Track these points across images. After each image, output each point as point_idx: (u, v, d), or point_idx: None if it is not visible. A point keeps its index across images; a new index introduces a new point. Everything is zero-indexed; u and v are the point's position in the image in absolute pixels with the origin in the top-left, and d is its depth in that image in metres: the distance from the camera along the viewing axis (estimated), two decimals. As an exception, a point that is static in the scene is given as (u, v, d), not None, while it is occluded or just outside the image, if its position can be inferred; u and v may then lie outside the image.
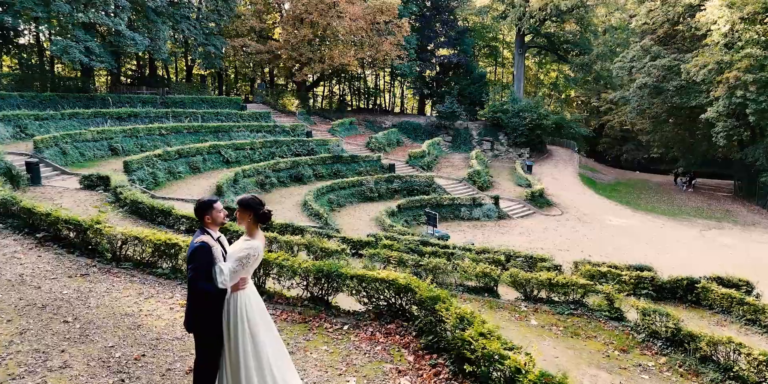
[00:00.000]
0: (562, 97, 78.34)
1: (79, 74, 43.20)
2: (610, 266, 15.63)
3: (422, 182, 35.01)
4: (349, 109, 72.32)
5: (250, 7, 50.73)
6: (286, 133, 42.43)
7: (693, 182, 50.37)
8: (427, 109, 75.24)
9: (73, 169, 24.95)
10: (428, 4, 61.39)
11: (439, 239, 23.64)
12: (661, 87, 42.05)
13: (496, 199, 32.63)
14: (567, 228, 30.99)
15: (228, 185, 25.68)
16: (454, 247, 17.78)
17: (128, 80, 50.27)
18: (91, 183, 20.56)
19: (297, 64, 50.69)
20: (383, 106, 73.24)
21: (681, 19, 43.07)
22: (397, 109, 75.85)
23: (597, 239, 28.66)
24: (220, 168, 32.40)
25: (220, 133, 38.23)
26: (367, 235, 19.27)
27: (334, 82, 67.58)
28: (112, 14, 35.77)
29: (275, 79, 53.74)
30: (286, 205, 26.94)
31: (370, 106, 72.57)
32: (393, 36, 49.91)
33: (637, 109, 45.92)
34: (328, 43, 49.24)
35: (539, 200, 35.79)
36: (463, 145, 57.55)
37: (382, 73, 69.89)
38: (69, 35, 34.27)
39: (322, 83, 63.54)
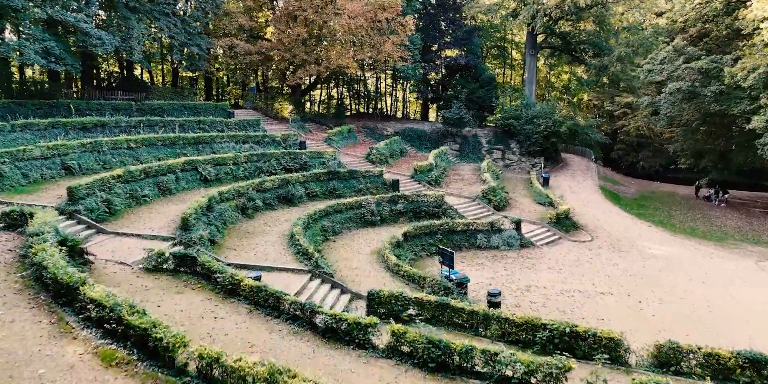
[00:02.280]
0: (575, 100, 73.74)
1: (46, 78, 38.74)
2: (714, 355, 11.07)
3: (430, 202, 30.43)
4: (348, 113, 67.71)
5: (239, 3, 46.15)
6: (277, 144, 37.86)
7: (726, 197, 45.80)
8: (432, 113, 70.70)
9: (7, 196, 20.37)
10: (433, 1, 56.84)
11: (457, 285, 19.11)
12: (696, 92, 37.48)
13: (518, 224, 28.05)
14: (602, 259, 26.39)
15: (198, 215, 21.08)
16: (486, 317, 13.22)
17: (104, 84, 45.68)
18: (13, 221, 16.00)
19: (290, 66, 46.15)
20: (384, 110, 68.66)
21: (717, 16, 38.49)
22: (399, 114, 71.24)
23: (641, 275, 24.06)
24: (196, 188, 27.87)
25: (201, 144, 33.68)
26: (367, 314, 14.80)
27: (331, 85, 63.00)
28: (76, 10, 31.19)
29: (268, 81, 49.23)
30: (270, 237, 22.36)
31: (371, 111, 67.94)
32: (396, 35, 45.36)
33: (668, 117, 41.30)
34: (324, 43, 44.65)
35: (565, 223, 31.21)
36: (471, 153, 53.01)
37: (383, 76, 65.29)
38: (24, 34, 29.74)
39: (318, 86, 58.96)
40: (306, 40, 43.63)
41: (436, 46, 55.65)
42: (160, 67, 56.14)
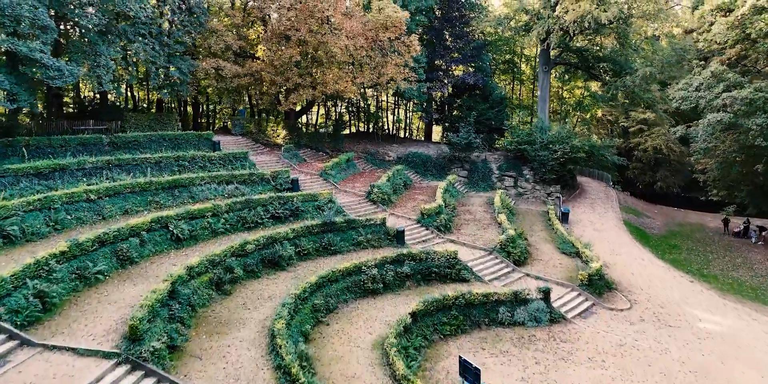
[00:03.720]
0: (587, 116, 69.40)
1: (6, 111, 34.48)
2: None
3: (441, 262, 26.08)
4: (347, 132, 63.56)
5: (226, 20, 41.78)
6: (266, 183, 33.56)
7: (764, 233, 41.51)
8: (436, 132, 66.34)
9: None
10: (439, 14, 52.51)
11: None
12: (738, 124, 33.20)
13: (546, 294, 23.70)
14: (650, 342, 22.05)
15: (156, 311, 16.74)
16: None
17: (75, 110, 41.34)
18: None
19: (282, 90, 41.87)
20: (386, 128, 64.33)
21: (760, 37, 34.21)
22: (401, 133, 66.87)
23: (703, 371, 19.72)
24: (166, 251, 23.58)
25: (177, 189, 29.39)
26: None
27: (329, 103, 58.72)
28: (28, 37, 26.87)
29: (259, 103, 44.89)
30: (247, 333, 18.01)
31: (371, 129, 63.68)
32: (399, 56, 41.02)
33: (704, 150, 36.96)
34: (320, 65, 40.32)
35: (597, 284, 26.87)
36: (481, 181, 48.74)
37: (384, 93, 60.96)
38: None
39: (316, 104, 54.64)
40: (299, 63, 39.32)
41: (443, 62, 51.32)
42: (144, 87, 51.83)
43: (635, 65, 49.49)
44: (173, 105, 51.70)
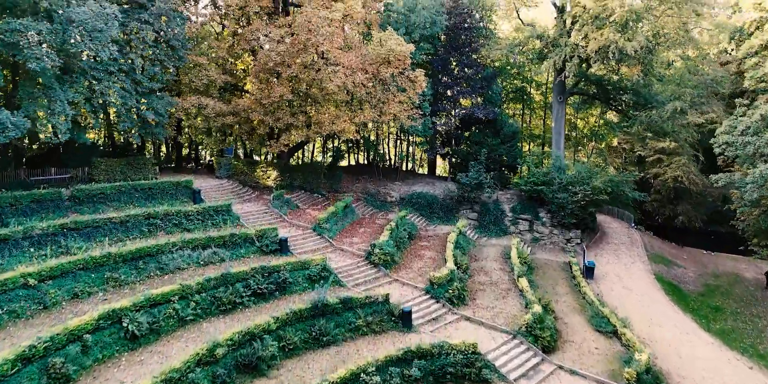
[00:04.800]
0: (602, 146, 65.06)
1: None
2: None
3: (458, 359, 21.42)
4: (345, 163, 59.24)
5: (211, 52, 37.53)
6: (249, 244, 29.00)
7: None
8: (440, 166, 61.88)
9: None
10: (445, 40, 48.22)
11: None
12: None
13: (591, 409, 19.03)
14: None
15: None
16: None
17: (37, 153, 36.90)
18: None
19: (273, 131, 37.57)
20: (387, 159, 59.91)
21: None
22: (404, 164, 62.45)
23: None
24: (117, 356, 18.98)
25: (143, 260, 24.83)
26: None
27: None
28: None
29: (249, 141, 40.40)
30: None
31: (371, 158, 59.17)
32: (403, 92, 36.72)
33: (753, 202, 32.47)
34: (314, 103, 36.03)
35: (646, 382, 22.15)
36: (493, 224, 44.18)
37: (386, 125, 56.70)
38: None
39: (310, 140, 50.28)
40: (291, 102, 35.02)
41: (449, 93, 47.06)
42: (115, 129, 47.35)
43: (660, 97, 45.19)
44: (150, 146, 47.30)
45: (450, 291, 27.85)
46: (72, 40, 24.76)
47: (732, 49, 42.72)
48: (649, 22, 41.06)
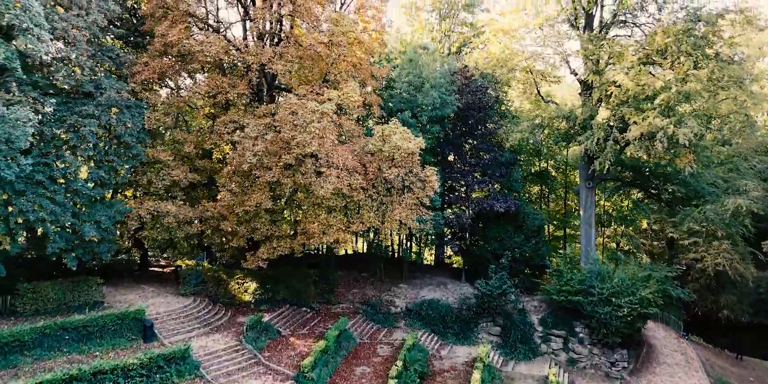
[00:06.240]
0: (630, 229, 57.87)
1: None
2: None
3: None
4: (342, 251, 51.86)
5: (177, 146, 30.95)
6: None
7: None
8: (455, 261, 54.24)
9: None
10: (457, 121, 41.66)
11: None
12: None
13: None
14: None
15: None
16: None
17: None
18: None
19: (249, 243, 30.51)
20: (386, 246, 52.41)
21: None
22: (406, 251, 54.95)
23: None
24: None
25: None
26: None
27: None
28: None
29: (219, 257, 33.26)
30: None
31: (365, 249, 51.72)
32: (411, 193, 29.86)
33: None
34: (300, 209, 29.19)
35: None
36: (520, 343, 36.36)
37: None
38: None
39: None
40: (273, 210, 28.13)
41: (463, 181, 40.32)
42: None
43: (715, 188, 38.56)
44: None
45: None
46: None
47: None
48: (698, 103, 34.94)
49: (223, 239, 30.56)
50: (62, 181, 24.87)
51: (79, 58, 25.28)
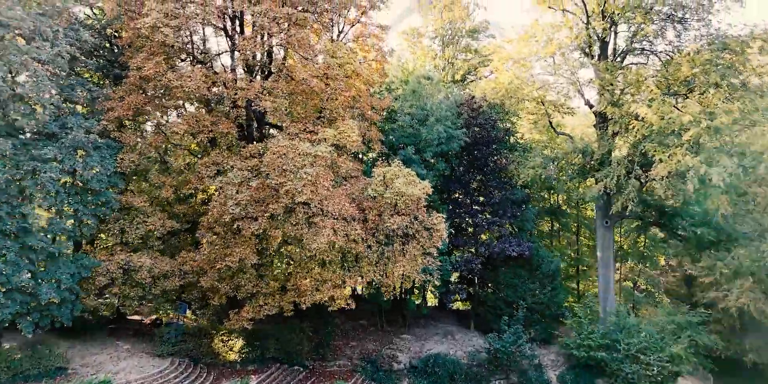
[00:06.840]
0: (647, 267, 54.36)
1: None
2: None
3: None
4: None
5: (154, 191, 27.77)
6: None
7: None
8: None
9: None
10: (461, 153, 38.45)
11: None
12: None
13: None
14: None
15: None
16: None
17: None
18: None
19: (235, 298, 27.09)
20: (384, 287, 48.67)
21: None
22: (408, 290, 51.11)
23: None
24: None
25: None
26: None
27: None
28: None
29: (199, 315, 29.96)
30: None
31: (364, 290, 47.94)
32: (415, 241, 26.53)
33: None
34: (290, 261, 25.90)
35: None
36: (537, 404, 32.47)
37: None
38: None
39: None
40: (259, 264, 24.81)
41: (472, 221, 37.04)
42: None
43: (747, 231, 35.34)
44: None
45: None
46: None
47: None
48: (728, 138, 31.97)
49: (203, 295, 27.15)
50: (15, 235, 21.62)
51: (40, 95, 22.29)
